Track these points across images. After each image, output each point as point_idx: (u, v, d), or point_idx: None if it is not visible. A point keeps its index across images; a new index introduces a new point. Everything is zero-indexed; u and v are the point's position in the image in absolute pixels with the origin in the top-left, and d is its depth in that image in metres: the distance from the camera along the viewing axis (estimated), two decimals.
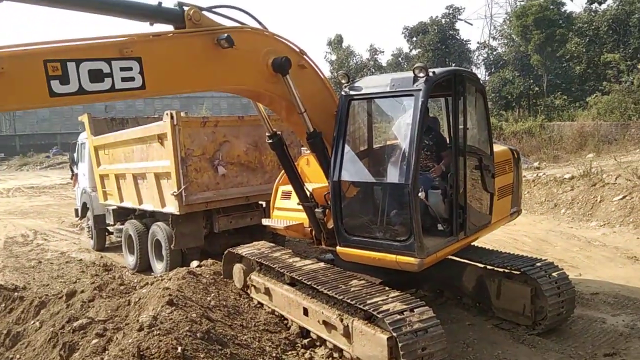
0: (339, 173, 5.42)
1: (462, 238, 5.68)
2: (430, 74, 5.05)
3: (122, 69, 4.08)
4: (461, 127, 5.57)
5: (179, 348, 4.32)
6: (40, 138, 57.18)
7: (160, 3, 4.44)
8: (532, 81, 32.52)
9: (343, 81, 5.67)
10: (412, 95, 5.06)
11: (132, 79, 4.15)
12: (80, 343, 5.04)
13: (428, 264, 5.17)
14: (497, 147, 6.76)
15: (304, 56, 5.48)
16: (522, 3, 35.83)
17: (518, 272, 5.83)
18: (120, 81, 4.08)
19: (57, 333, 5.20)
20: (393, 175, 5.30)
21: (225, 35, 4.55)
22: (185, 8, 4.49)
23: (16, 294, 7.76)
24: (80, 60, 3.88)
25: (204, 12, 4.58)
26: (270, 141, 5.88)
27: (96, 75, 3.96)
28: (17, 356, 5.37)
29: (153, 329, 4.58)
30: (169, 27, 4.54)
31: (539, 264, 5.89)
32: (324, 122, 5.56)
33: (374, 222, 5.43)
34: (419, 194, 4.92)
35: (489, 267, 6.17)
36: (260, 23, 5.12)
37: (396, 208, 5.24)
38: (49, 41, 3.86)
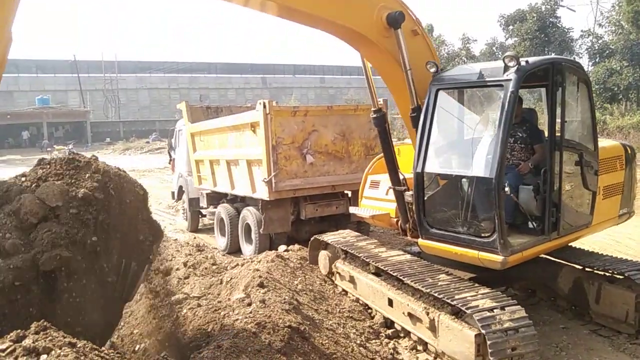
0: (422, 164, 5.34)
1: (555, 238, 5.37)
2: (523, 63, 4.83)
3: None
4: (558, 120, 5.26)
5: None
6: (141, 125, 61.15)
7: None
8: None
9: (432, 70, 5.55)
10: (501, 85, 4.89)
11: None
12: (175, 316, 5.38)
13: (513, 262, 4.95)
14: (608, 142, 6.30)
15: (419, 26, 5.64)
16: None
17: (621, 277, 5.44)
18: None
19: (157, 305, 5.58)
20: (478, 168, 5.10)
21: None
22: None
23: None
24: None
25: None
26: (374, 116, 6.03)
27: None
28: (122, 323, 5.83)
29: (264, 303, 4.87)
30: None
31: None
32: None
33: (457, 215, 5.29)
34: (505, 189, 4.71)
35: (588, 269, 5.81)
36: None
37: (480, 202, 5.06)
38: None
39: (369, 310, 6.16)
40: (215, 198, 11.26)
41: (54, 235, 3.48)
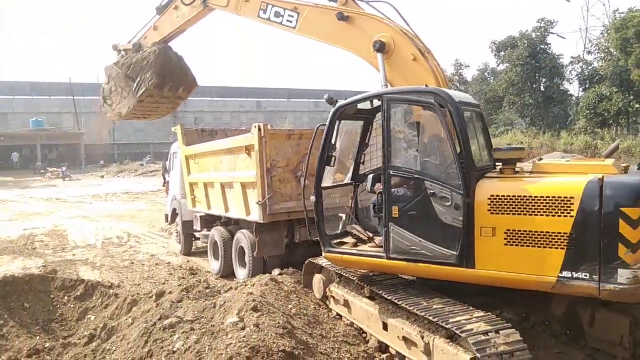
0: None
1: (391, 259, 5.52)
2: (341, 102, 6.12)
3: (289, 15, 7.62)
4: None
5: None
6: (135, 147, 61.06)
7: None
8: (632, 98, 30.36)
9: (330, 104, 6.33)
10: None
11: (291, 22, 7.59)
12: (168, 340, 5.32)
13: (335, 261, 6.35)
14: (556, 178, 4.90)
15: (418, 52, 6.40)
16: (622, 15, 33.63)
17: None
18: (287, 20, 7.63)
19: (150, 329, 5.52)
20: None
21: (339, 12, 6.96)
22: None
23: (112, 291, 8.32)
24: (273, 5, 7.82)
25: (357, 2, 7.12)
26: None
27: (277, 14, 7.78)
28: (114, 348, 5.75)
29: (258, 327, 4.89)
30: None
31: None
32: None
33: None
34: (311, 199, 6.34)
35: None
36: (403, 18, 6.85)
37: None
38: None
39: (364, 335, 6.12)
40: (209, 221, 11.24)
41: None
